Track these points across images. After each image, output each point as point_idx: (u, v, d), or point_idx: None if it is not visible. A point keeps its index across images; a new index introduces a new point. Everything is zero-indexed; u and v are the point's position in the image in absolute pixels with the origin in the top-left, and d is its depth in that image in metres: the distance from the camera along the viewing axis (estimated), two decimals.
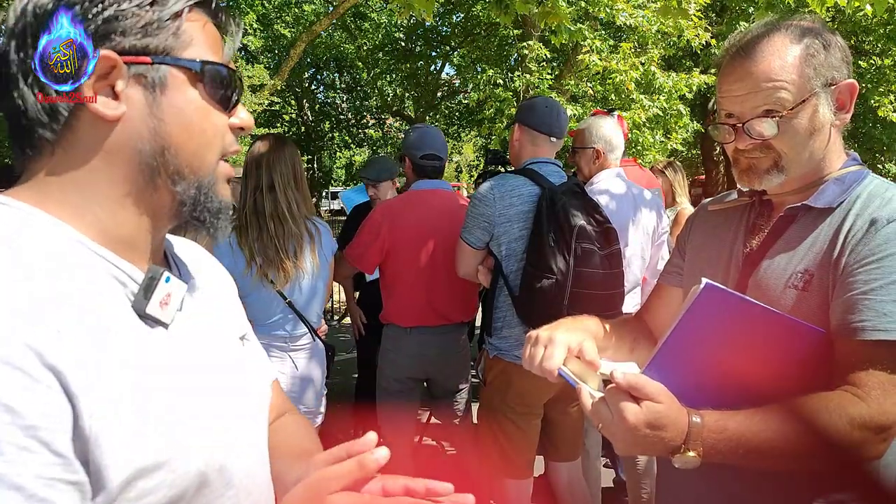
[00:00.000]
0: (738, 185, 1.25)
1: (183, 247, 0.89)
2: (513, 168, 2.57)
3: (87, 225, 0.68)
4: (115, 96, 0.67)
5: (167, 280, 0.71)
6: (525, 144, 2.50)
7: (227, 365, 0.79)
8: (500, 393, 2.36)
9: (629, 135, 7.29)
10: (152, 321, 0.69)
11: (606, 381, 1.02)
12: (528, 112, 2.50)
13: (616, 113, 3.34)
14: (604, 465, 3.57)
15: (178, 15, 0.69)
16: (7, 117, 0.68)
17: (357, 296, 3.77)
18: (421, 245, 2.73)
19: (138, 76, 0.68)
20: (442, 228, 2.72)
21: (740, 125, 1.14)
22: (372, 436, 0.74)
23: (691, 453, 0.97)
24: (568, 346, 1.13)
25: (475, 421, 2.77)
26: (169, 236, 0.83)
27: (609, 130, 2.95)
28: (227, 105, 0.75)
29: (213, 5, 0.74)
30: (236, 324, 0.88)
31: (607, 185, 2.88)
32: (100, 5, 0.65)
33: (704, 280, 1.00)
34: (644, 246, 2.91)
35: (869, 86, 11.33)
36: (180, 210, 0.74)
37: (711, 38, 8.33)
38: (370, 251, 2.74)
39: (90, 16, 0.65)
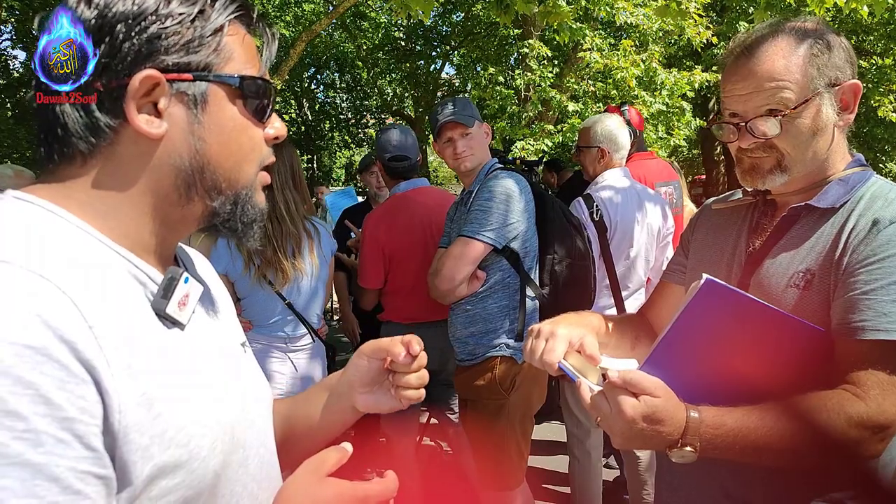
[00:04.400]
0: (742, 185, 1.26)
1: (188, 252, 0.90)
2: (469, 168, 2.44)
3: (108, 229, 0.68)
4: (158, 113, 0.68)
5: (186, 281, 0.72)
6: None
7: (237, 367, 0.81)
8: (527, 396, 2.29)
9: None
10: (170, 321, 0.70)
11: (606, 376, 1.03)
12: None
13: (627, 106, 3.30)
14: (604, 466, 3.57)
15: (219, 30, 0.70)
16: (41, 125, 0.68)
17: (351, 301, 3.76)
18: (416, 244, 2.73)
19: (180, 93, 0.69)
20: (433, 224, 2.75)
21: (743, 124, 1.14)
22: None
23: (688, 448, 0.98)
24: (569, 340, 1.14)
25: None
26: None
27: (614, 130, 2.92)
28: (262, 117, 0.76)
29: (252, 17, 0.75)
30: (237, 331, 0.89)
31: (612, 184, 2.88)
32: (143, 23, 0.66)
33: (705, 275, 1.00)
34: (648, 247, 2.89)
35: (870, 85, 11.33)
36: (211, 219, 0.75)
37: (712, 36, 8.34)
38: (378, 266, 2.76)
39: (133, 34, 0.65)
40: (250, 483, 0.77)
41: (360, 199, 6.20)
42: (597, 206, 2.78)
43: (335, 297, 7.44)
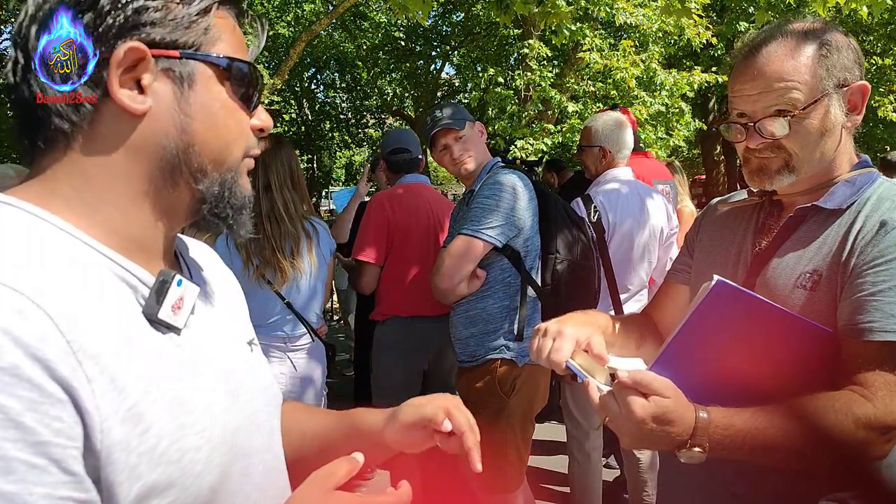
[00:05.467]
0: (749, 186, 1.25)
1: (194, 248, 0.87)
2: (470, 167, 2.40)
3: (96, 225, 0.66)
4: (141, 90, 0.66)
5: (179, 283, 0.69)
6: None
7: (239, 371, 0.77)
8: (528, 399, 2.27)
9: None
10: (164, 326, 0.67)
11: (614, 376, 1.02)
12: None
13: (619, 107, 3.30)
14: (605, 466, 3.57)
15: (206, 11, 0.69)
16: (19, 109, 0.66)
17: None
18: (420, 233, 2.75)
19: (166, 70, 0.67)
20: (435, 217, 2.79)
21: (752, 124, 1.14)
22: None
23: (697, 449, 0.98)
24: (576, 339, 1.14)
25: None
26: (180, 236, 0.81)
27: (616, 129, 2.90)
28: (249, 104, 0.74)
29: (241, 6, 0.74)
30: (244, 328, 0.86)
31: (613, 185, 2.85)
32: None
33: (716, 277, 1.00)
34: (650, 248, 2.86)
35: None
36: (199, 207, 0.72)
37: (712, 36, 8.34)
38: (381, 241, 2.76)
39: (119, 5, 0.64)
40: (253, 493, 0.74)
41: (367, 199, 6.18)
42: (595, 206, 2.76)
43: (335, 297, 7.45)
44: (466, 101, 15.43)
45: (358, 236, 2.84)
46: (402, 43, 16.30)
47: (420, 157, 2.97)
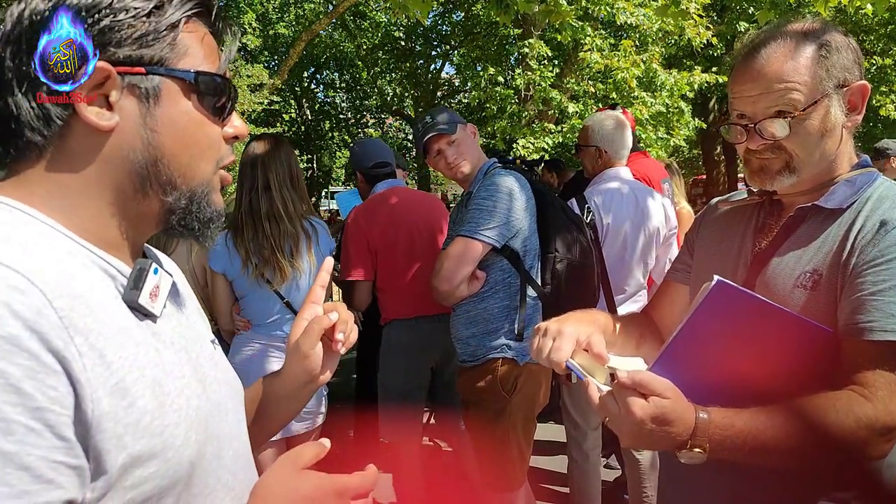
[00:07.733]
0: (750, 185, 1.25)
1: (152, 249, 0.90)
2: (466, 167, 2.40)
3: (72, 224, 0.68)
4: (109, 106, 0.68)
5: (155, 272, 0.73)
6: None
7: (208, 359, 0.81)
8: (529, 398, 2.28)
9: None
10: (142, 313, 0.70)
11: (614, 375, 1.02)
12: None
13: (620, 108, 3.30)
14: (605, 466, 3.57)
15: (174, 26, 0.70)
16: None
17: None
18: (399, 240, 2.77)
19: (132, 86, 0.69)
20: (417, 220, 2.80)
21: (752, 126, 1.14)
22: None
23: (697, 449, 0.98)
24: (576, 338, 1.14)
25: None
26: (146, 245, 0.83)
27: (612, 129, 2.88)
28: (220, 115, 0.75)
29: (212, 16, 0.75)
30: (207, 328, 0.90)
31: (608, 185, 2.84)
32: (96, 16, 0.66)
33: (716, 277, 1.00)
34: (647, 250, 2.84)
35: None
36: (167, 217, 0.75)
37: (712, 36, 8.34)
38: (364, 257, 2.77)
39: (87, 26, 0.65)
40: (225, 475, 0.77)
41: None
42: (588, 207, 2.75)
43: (334, 298, 7.46)
44: (466, 100, 15.42)
45: (342, 259, 2.87)
46: (402, 43, 16.31)
47: (396, 165, 3.05)
